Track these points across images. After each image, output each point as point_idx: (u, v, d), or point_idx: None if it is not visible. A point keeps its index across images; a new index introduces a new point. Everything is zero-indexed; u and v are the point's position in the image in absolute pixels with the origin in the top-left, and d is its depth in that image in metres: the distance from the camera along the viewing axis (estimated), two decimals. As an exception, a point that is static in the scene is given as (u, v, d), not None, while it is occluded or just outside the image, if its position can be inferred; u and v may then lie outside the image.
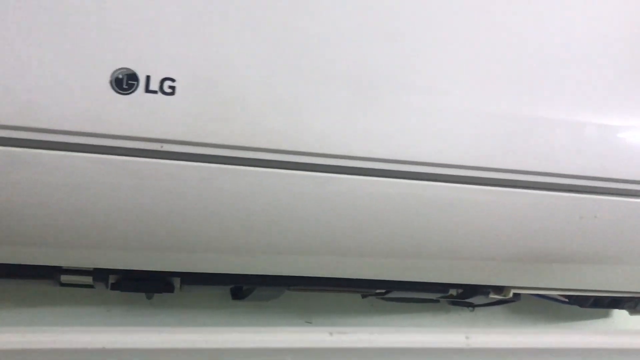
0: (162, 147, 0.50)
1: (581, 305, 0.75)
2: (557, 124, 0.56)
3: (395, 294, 0.67)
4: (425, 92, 0.54)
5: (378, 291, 0.67)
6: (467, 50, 0.55)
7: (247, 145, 0.51)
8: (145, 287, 0.62)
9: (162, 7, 0.49)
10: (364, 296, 0.69)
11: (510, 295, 0.66)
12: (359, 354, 0.52)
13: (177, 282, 0.62)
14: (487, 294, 0.67)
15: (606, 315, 0.84)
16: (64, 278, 0.60)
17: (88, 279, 0.60)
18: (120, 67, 0.48)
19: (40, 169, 0.49)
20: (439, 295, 0.67)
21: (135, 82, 0.48)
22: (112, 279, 0.61)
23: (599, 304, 0.74)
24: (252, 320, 0.65)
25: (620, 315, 0.84)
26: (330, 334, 0.52)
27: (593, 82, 0.57)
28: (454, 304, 0.78)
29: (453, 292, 0.68)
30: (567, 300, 0.76)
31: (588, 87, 0.57)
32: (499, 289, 0.67)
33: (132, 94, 0.48)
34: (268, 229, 0.54)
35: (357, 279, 0.63)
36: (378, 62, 0.53)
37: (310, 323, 0.68)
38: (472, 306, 0.77)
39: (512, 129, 0.55)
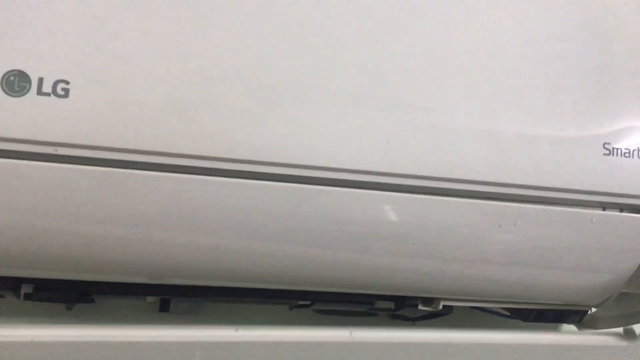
0: (56, 150, 0.49)
1: (524, 320, 0.73)
2: (474, 130, 0.55)
3: (321, 306, 0.65)
4: (327, 96, 0.53)
5: (302, 303, 0.65)
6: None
7: (143, 149, 0.49)
8: (60, 297, 0.61)
9: (55, 7, 0.48)
10: (290, 308, 0.68)
11: (440, 307, 0.64)
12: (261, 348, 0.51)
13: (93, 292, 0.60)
14: (416, 305, 0.65)
15: (556, 331, 0.82)
16: (-29, 288, 0.58)
17: (-3, 289, 0.58)
18: (11, 68, 0.47)
19: None
20: (366, 307, 0.65)
21: (27, 84, 0.47)
22: (25, 289, 0.60)
23: (543, 317, 0.72)
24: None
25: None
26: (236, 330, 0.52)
27: (509, 88, 0.56)
28: (394, 318, 0.76)
29: (383, 304, 0.67)
30: (509, 314, 0.75)
31: (504, 93, 0.56)
32: (428, 301, 0.65)
33: (24, 96, 0.47)
34: (172, 235, 0.53)
35: (280, 290, 0.61)
36: (275, 62, 0.52)
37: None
38: (412, 320, 0.75)
39: (428, 134, 0.54)
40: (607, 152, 0.57)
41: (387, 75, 0.54)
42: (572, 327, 0.78)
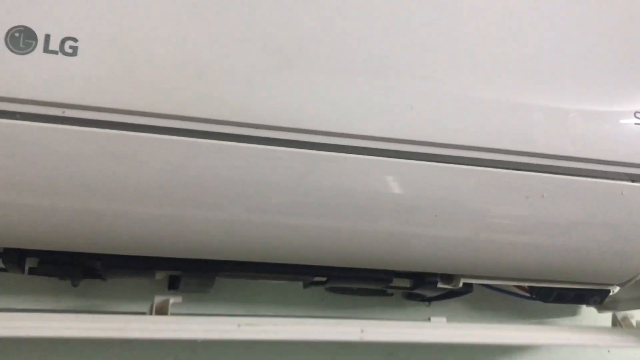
0: (64, 112, 0.46)
1: (544, 300, 0.70)
2: (502, 99, 0.52)
3: (337, 283, 0.63)
4: (376, 63, 0.50)
5: (317, 279, 0.63)
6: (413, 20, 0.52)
7: (155, 111, 0.47)
8: (67, 272, 0.58)
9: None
10: (305, 286, 0.65)
11: (460, 284, 0.62)
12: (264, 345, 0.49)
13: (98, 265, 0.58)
14: (435, 283, 0.62)
15: (574, 314, 0.80)
16: (-25, 261, 0.56)
17: (-1, 262, 0.56)
18: (16, 24, 0.45)
19: None
20: (384, 284, 0.63)
21: (33, 42, 0.45)
22: (30, 263, 0.57)
23: (563, 298, 0.69)
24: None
25: (590, 314, 0.79)
26: (238, 325, 0.49)
27: (536, 58, 0.53)
28: (409, 298, 0.74)
29: (401, 283, 0.64)
30: (528, 295, 0.72)
31: (533, 63, 0.53)
32: (448, 278, 0.63)
33: (30, 54, 0.45)
34: (185, 202, 0.50)
35: (292, 265, 0.59)
36: (294, 23, 0.49)
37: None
38: (428, 300, 0.72)
39: (454, 102, 0.52)
40: (639, 121, 0.55)
41: (414, 40, 0.51)
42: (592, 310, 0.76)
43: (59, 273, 0.58)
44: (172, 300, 0.58)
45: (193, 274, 0.59)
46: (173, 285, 0.64)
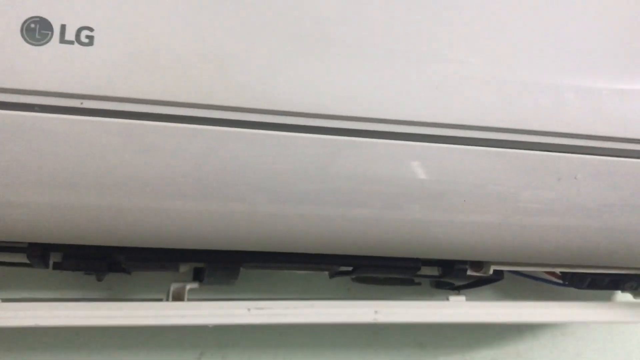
0: (82, 103, 0.45)
1: (577, 287, 0.68)
2: (532, 79, 0.51)
3: (363, 273, 0.61)
4: (400, 44, 0.49)
5: (343, 269, 0.61)
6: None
7: (174, 100, 0.46)
8: (91, 266, 0.58)
9: (75, -52, 0.45)
10: (331, 276, 0.64)
11: (491, 271, 0.60)
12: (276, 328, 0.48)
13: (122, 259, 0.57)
14: (465, 270, 0.61)
15: (609, 300, 0.77)
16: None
17: (23, 257, 0.55)
18: (31, 15, 0.44)
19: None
20: (411, 273, 0.61)
21: (48, 32, 0.44)
22: (54, 258, 0.57)
23: (597, 284, 0.67)
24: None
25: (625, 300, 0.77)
26: (249, 309, 0.48)
27: (566, 36, 0.51)
28: (438, 286, 0.72)
29: (429, 271, 0.63)
30: (561, 281, 0.70)
31: (564, 42, 0.51)
32: (477, 266, 0.61)
33: (46, 45, 0.44)
34: (208, 192, 0.49)
35: (318, 255, 0.58)
36: (313, 7, 0.48)
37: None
38: (457, 288, 0.71)
39: (483, 83, 0.50)
40: (675, 98, 0.52)
41: (438, 21, 0.49)
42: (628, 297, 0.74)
43: (83, 267, 0.58)
44: (188, 286, 0.57)
45: (217, 266, 0.58)
46: (197, 278, 0.64)
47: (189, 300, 0.58)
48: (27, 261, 0.56)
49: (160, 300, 0.58)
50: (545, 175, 0.52)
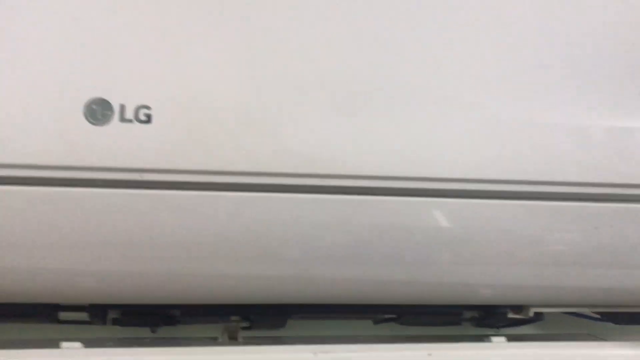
0: (141, 176, 0.48)
1: (615, 322, 0.69)
2: (563, 129, 0.52)
3: (407, 320, 0.63)
4: (426, 102, 0.51)
5: (388, 316, 0.63)
6: (465, 53, 0.52)
7: (228, 170, 0.49)
8: (145, 321, 0.61)
9: (132, 34, 0.48)
10: (376, 322, 0.66)
11: (531, 314, 0.62)
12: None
13: (177, 314, 0.60)
14: (505, 314, 0.62)
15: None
16: (63, 315, 0.59)
17: (86, 315, 0.58)
18: (93, 97, 0.47)
19: (21, 206, 0.48)
20: (453, 319, 0.63)
21: (109, 112, 0.47)
22: (111, 314, 0.60)
23: (635, 319, 0.68)
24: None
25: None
26: (314, 353, 0.51)
27: (596, 84, 0.53)
28: (478, 325, 0.73)
29: (469, 314, 0.65)
30: (599, 316, 0.71)
31: (592, 90, 0.53)
32: (517, 308, 0.63)
33: (108, 125, 0.47)
34: (260, 254, 0.52)
35: (364, 305, 0.60)
36: (366, 71, 0.50)
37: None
38: (497, 326, 0.72)
39: (517, 137, 0.52)
40: None
41: (475, 81, 0.52)
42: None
43: (140, 323, 0.61)
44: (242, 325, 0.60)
45: (266, 318, 0.61)
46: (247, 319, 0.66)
47: (243, 338, 0.60)
48: (88, 319, 0.59)
49: (215, 338, 0.60)
50: (583, 225, 0.53)
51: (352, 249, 0.53)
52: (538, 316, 0.64)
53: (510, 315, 0.62)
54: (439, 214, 0.52)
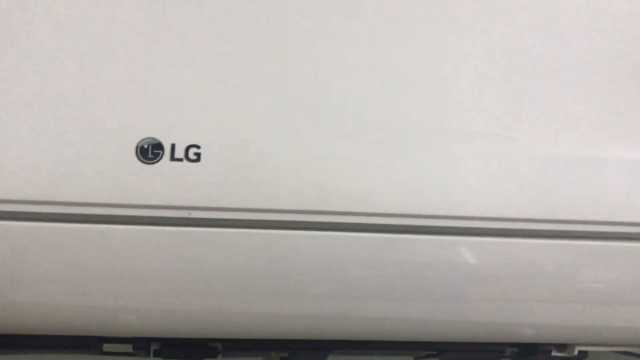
0: (190, 214, 0.49)
1: (661, 359, 0.68)
2: (611, 167, 0.52)
3: (448, 357, 0.63)
4: (462, 139, 0.51)
5: (429, 353, 0.63)
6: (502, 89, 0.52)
7: (276, 207, 0.49)
8: (187, 354, 0.61)
9: (182, 77, 0.49)
10: (416, 359, 0.66)
11: (575, 353, 0.61)
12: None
13: (219, 347, 0.61)
14: (549, 352, 0.61)
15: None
16: (107, 347, 0.60)
17: (129, 348, 0.59)
18: (144, 137, 0.48)
19: (70, 242, 0.49)
20: (496, 356, 0.62)
21: (160, 151, 0.48)
22: (154, 346, 0.60)
23: (682, 356, 0.67)
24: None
25: None
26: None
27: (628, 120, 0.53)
28: (518, 360, 0.73)
29: (511, 350, 0.64)
30: (644, 354, 0.70)
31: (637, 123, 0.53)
32: (562, 347, 0.62)
33: (158, 163, 0.48)
34: (305, 292, 0.52)
35: (404, 342, 0.60)
36: (409, 111, 0.50)
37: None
38: (538, 363, 0.71)
39: (566, 175, 0.52)
40: None
41: (515, 123, 0.51)
42: None
43: (182, 355, 0.61)
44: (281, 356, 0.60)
45: (308, 354, 0.61)
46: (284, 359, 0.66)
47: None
48: (132, 351, 0.60)
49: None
50: (631, 264, 0.53)
51: (393, 287, 0.53)
52: (582, 354, 0.63)
53: (554, 354, 0.61)
54: (484, 252, 0.52)
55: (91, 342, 0.59)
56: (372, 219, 0.50)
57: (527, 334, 0.58)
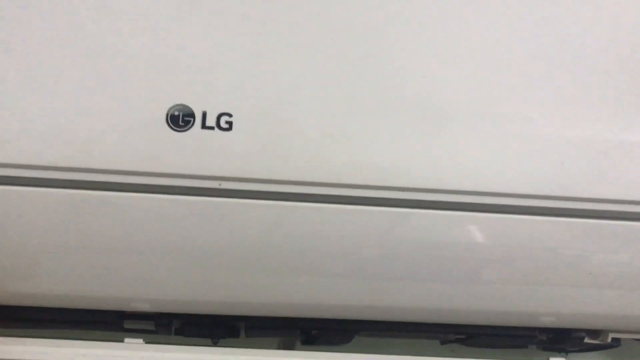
0: (220, 184, 0.47)
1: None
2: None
3: (477, 342, 0.61)
4: (500, 119, 0.49)
5: (457, 337, 0.61)
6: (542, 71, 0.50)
7: (308, 180, 0.47)
8: (209, 332, 0.60)
9: (215, 43, 0.47)
10: (442, 342, 0.64)
11: (609, 340, 0.59)
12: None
13: (242, 326, 0.59)
14: (582, 338, 0.60)
15: None
16: (127, 323, 0.58)
17: (151, 324, 0.57)
18: (175, 103, 0.46)
19: (97, 210, 0.48)
20: (527, 342, 0.61)
21: (191, 119, 0.46)
22: (176, 324, 0.59)
23: None
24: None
25: None
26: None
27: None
28: (546, 349, 0.71)
29: (542, 336, 0.62)
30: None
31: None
32: (595, 333, 0.60)
33: (189, 131, 0.46)
34: (335, 268, 0.51)
35: (432, 324, 0.58)
36: (446, 88, 0.49)
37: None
38: (566, 351, 0.69)
39: (610, 156, 0.50)
40: None
41: (546, 102, 0.50)
42: None
43: (203, 333, 0.59)
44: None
45: (333, 334, 0.59)
46: (306, 341, 0.64)
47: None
48: (153, 328, 0.58)
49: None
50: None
51: (424, 267, 0.51)
52: (615, 342, 0.61)
53: (587, 340, 0.60)
54: (523, 231, 0.50)
55: (112, 318, 0.57)
56: (404, 193, 0.48)
57: (563, 319, 0.56)
